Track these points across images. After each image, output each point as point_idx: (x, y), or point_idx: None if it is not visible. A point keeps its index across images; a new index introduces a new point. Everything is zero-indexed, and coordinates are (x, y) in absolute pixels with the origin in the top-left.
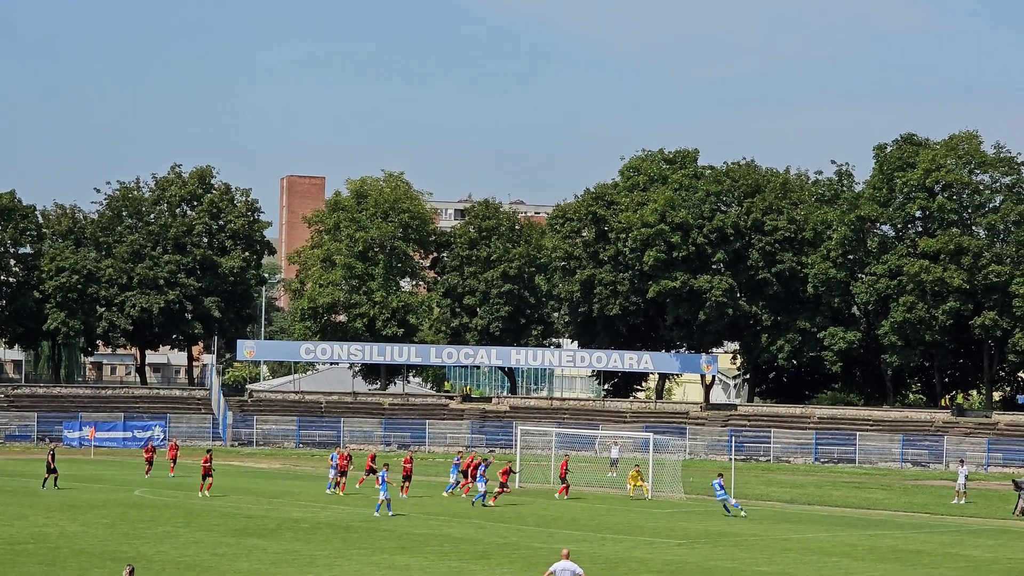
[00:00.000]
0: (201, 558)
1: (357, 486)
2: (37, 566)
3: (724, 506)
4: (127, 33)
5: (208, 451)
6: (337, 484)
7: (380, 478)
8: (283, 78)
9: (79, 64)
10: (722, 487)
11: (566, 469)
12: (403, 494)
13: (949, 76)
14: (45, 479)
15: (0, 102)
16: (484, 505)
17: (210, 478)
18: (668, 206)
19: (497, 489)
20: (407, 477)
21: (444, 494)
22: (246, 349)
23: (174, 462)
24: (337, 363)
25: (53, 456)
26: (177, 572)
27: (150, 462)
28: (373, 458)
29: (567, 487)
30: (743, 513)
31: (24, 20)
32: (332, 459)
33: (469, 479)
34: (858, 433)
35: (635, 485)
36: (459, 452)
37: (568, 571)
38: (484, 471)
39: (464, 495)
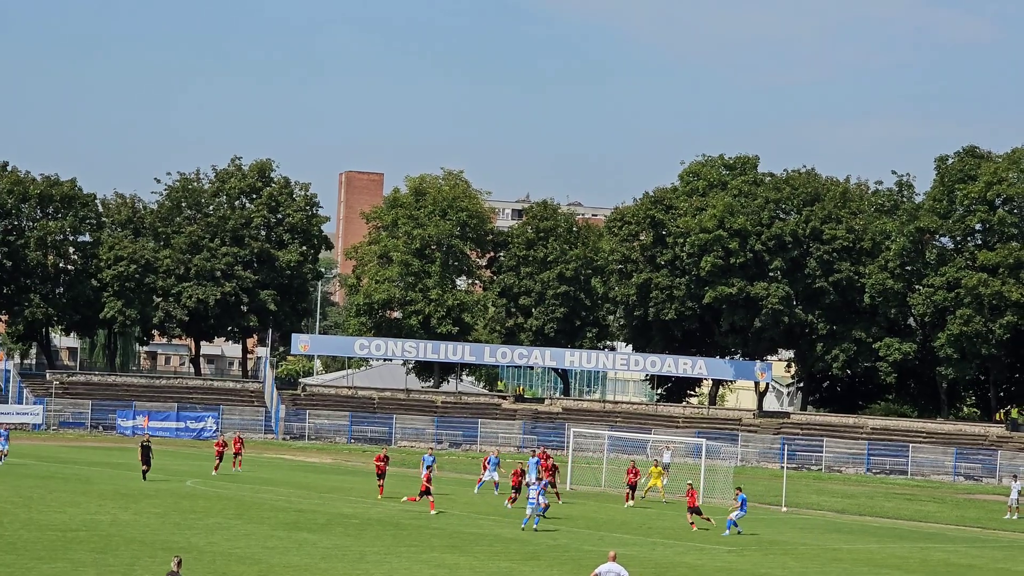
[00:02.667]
0: (252, 551)
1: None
2: (88, 553)
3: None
4: (191, 26)
5: (385, 453)
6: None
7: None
8: (344, 74)
9: (143, 55)
10: (744, 504)
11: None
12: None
13: (1013, 89)
14: (144, 471)
15: (64, 92)
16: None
17: (382, 479)
18: (727, 212)
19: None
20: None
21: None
22: (300, 343)
23: (237, 456)
24: (391, 360)
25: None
26: (227, 564)
27: (220, 456)
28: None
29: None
30: (728, 531)
31: (89, 13)
32: (490, 461)
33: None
34: (911, 445)
35: (652, 485)
36: (496, 452)
37: (613, 573)
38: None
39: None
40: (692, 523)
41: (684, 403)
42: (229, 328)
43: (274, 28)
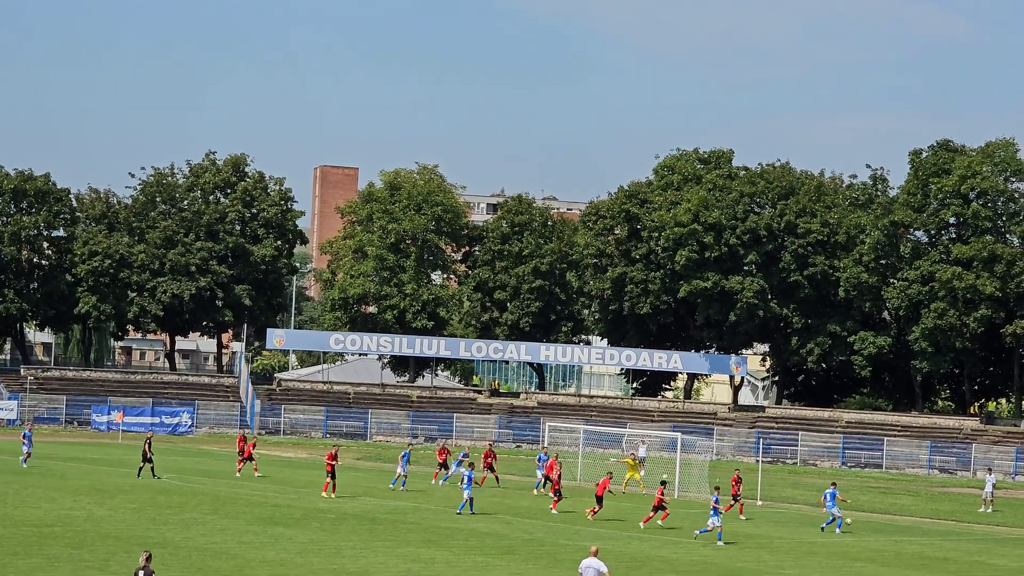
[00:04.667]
0: (227, 546)
1: (433, 481)
2: (64, 549)
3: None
4: (164, 20)
5: (335, 447)
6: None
7: (465, 477)
8: (318, 68)
9: (116, 49)
10: (833, 498)
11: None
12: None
13: (987, 84)
14: (140, 468)
15: (36, 86)
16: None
17: (330, 479)
18: (701, 206)
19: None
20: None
21: (533, 492)
22: (276, 338)
23: (241, 454)
24: (366, 354)
25: (150, 444)
26: (203, 559)
27: (250, 457)
28: (446, 452)
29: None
30: (837, 530)
31: (63, 9)
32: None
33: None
34: (886, 438)
35: (629, 477)
36: (544, 449)
37: (592, 569)
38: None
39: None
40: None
41: (659, 397)
42: (204, 323)
43: (249, 23)
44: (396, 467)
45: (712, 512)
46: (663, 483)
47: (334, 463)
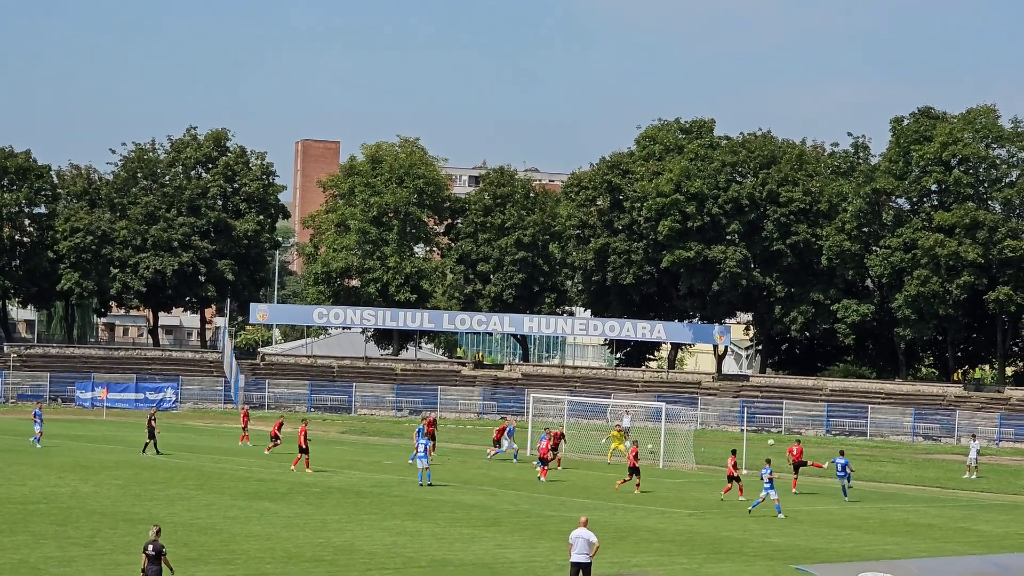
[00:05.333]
0: (213, 520)
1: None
2: (49, 526)
3: (843, 489)
4: None
5: (304, 421)
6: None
7: (421, 446)
8: (299, 41)
9: (96, 23)
10: (844, 467)
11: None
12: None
13: (968, 50)
14: (146, 444)
15: (17, 61)
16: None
17: (302, 452)
18: (683, 176)
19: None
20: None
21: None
22: (259, 313)
23: (245, 430)
24: (350, 328)
25: (154, 419)
26: (189, 534)
27: (276, 437)
28: (432, 422)
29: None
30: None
31: None
32: (418, 432)
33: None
34: (870, 406)
35: (615, 448)
36: (546, 429)
37: (582, 539)
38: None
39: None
40: (727, 489)
41: (643, 367)
42: (187, 298)
43: None
44: (411, 442)
45: (767, 485)
46: (733, 452)
47: (305, 437)
